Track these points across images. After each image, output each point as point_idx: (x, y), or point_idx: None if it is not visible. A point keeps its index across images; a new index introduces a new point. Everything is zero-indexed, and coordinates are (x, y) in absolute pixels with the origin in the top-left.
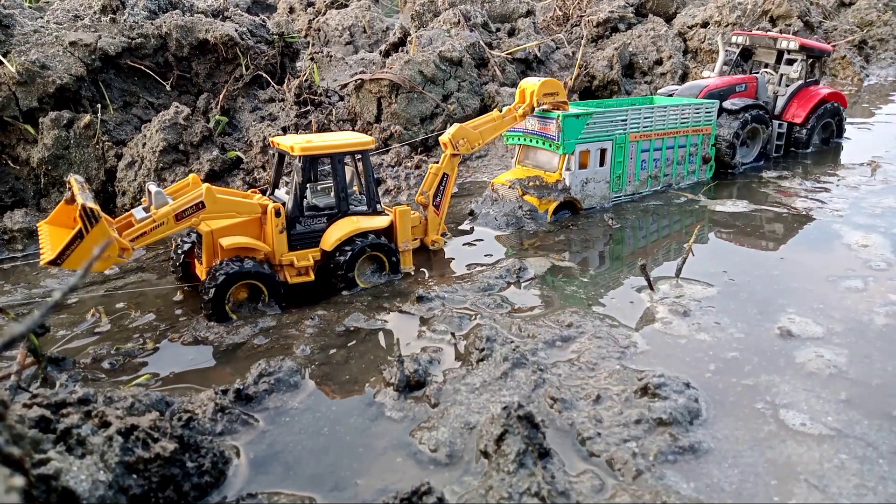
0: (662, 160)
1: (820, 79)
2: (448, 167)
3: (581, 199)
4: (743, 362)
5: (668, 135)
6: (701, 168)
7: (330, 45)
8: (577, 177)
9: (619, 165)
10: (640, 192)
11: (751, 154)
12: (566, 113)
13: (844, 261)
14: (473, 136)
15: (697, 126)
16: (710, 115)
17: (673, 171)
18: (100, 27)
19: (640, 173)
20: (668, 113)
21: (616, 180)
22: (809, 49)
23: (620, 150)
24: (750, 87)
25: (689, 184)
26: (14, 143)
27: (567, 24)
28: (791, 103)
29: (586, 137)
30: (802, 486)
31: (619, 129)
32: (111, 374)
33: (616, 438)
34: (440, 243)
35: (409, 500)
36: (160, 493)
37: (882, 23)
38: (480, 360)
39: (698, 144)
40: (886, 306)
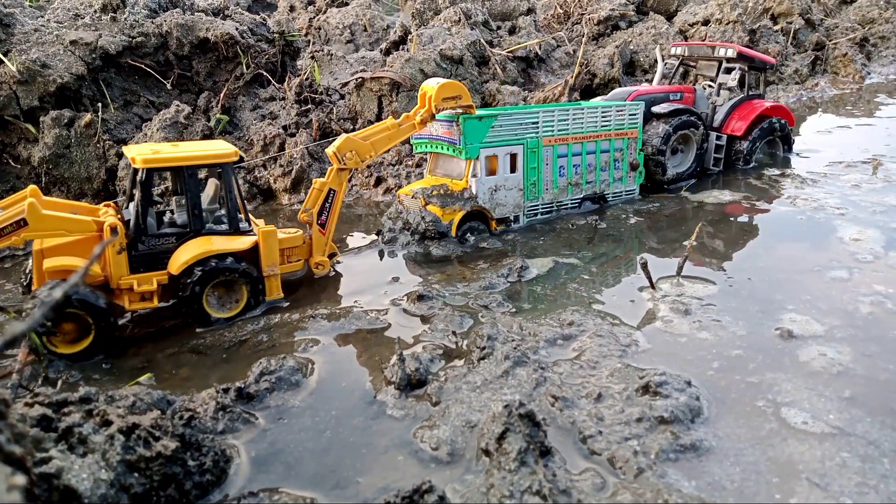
0: (583, 166)
1: (764, 93)
2: (335, 182)
3: (491, 209)
4: (744, 360)
5: (587, 139)
6: (629, 175)
7: (331, 43)
8: (485, 184)
9: (534, 172)
10: (562, 202)
11: (685, 163)
12: (467, 115)
13: (846, 259)
14: (364, 147)
15: (621, 129)
16: (634, 117)
17: (597, 179)
18: (100, 26)
19: (559, 180)
20: (586, 115)
21: (531, 188)
22: (749, 58)
23: (533, 155)
24: (686, 98)
25: (618, 193)
26: (15, 142)
27: (568, 21)
28: (732, 115)
29: (493, 141)
30: (804, 485)
31: (531, 132)
32: (112, 373)
33: (617, 437)
34: (325, 266)
35: (410, 499)
36: (162, 491)
37: (883, 20)
38: (481, 358)
39: (623, 149)
40: (888, 304)
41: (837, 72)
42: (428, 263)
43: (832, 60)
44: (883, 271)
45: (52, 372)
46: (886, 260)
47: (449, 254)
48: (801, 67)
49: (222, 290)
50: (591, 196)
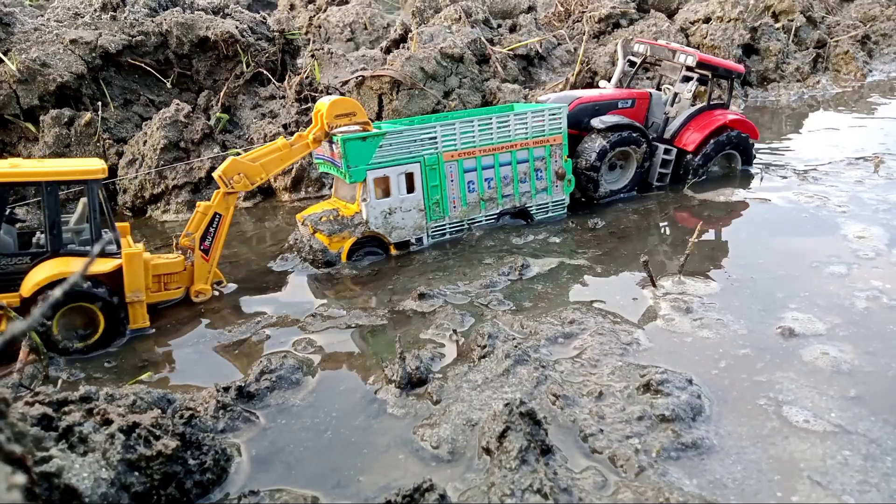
0: (497, 179)
1: (730, 103)
2: (221, 206)
3: (386, 233)
4: (746, 359)
5: (498, 150)
6: (555, 185)
7: (331, 41)
8: (377, 207)
9: (436, 190)
10: (474, 219)
11: (622, 180)
12: (348, 136)
13: (848, 256)
14: (253, 170)
15: (541, 136)
16: (556, 122)
17: (516, 191)
18: (100, 25)
19: (469, 196)
20: (495, 124)
21: (434, 207)
22: (712, 67)
23: (433, 172)
24: (638, 105)
25: (543, 205)
26: (15, 141)
27: (569, 19)
28: (687, 127)
29: (381, 161)
30: (805, 483)
31: (428, 148)
32: (112, 372)
33: (618, 435)
34: (206, 294)
35: (411, 497)
36: (162, 490)
37: (885, 17)
38: (482, 356)
39: (545, 157)
40: (890, 301)
41: (839, 69)
42: (331, 282)
43: (834, 58)
44: (884, 268)
45: (53, 371)
46: (889, 257)
47: (340, 273)
48: (802, 65)
49: (78, 317)
50: (511, 210)
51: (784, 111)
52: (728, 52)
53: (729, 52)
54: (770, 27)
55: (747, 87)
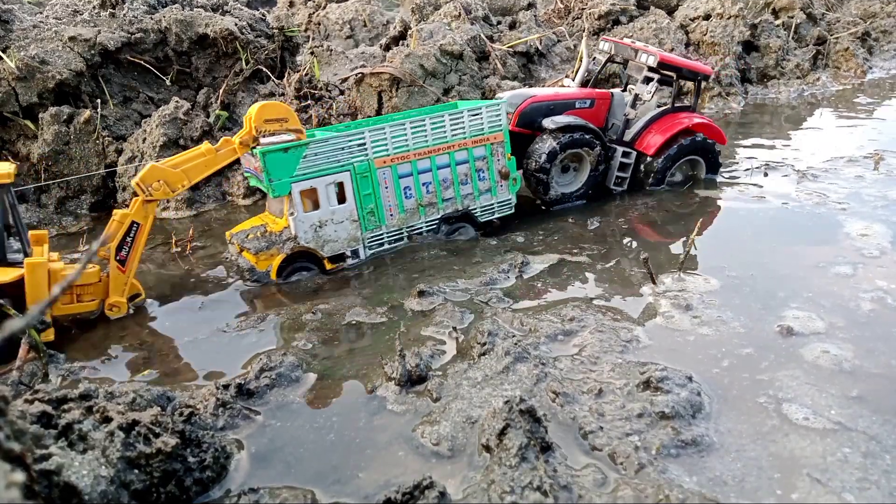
0: (436, 183)
1: (696, 105)
2: (139, 215)
3: (318, 247)
4: (746, 357)
5: (435, 152)
6: (500, 185)
7: (330, 38)
8: (305, 221)
9: (370, 198)
10: (413, 226)
11: (576, 183)
12: (268, 148)
13: (849, 254)
14: (174, 177)
15: (479, 135)
16: (495, 119)
17: (457, 194)
18: (99, 22)
19: (406, 203)
20: (429, 126)
21: (369, 217)
22: (675, 68)
23: (365, 180)
24: (598, 105)
25: (488, 206)
26: (14, 138)
27: (568, 16)
28: (648, 130)
29: (307, 173)
30: (805, 480)
31: (358, 155)
32: (112, 370)
33: (618, 432)
34: (122, 309)
35: (411, 494)
36: (162, 488)
37: (885, 14)
38: (482, 354)
39: (487, 157)
40: (890, 299)
41: (839, 66)
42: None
43: (834, 55)
44: (887, 266)
45: (53, 368)
46: (892, 255)
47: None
48: (802, 62)
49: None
50: (453, 214)
51: (784, 108)
52: (728, 48)
53: (729, 49)
54: (770, 24)
55: (747, 85)
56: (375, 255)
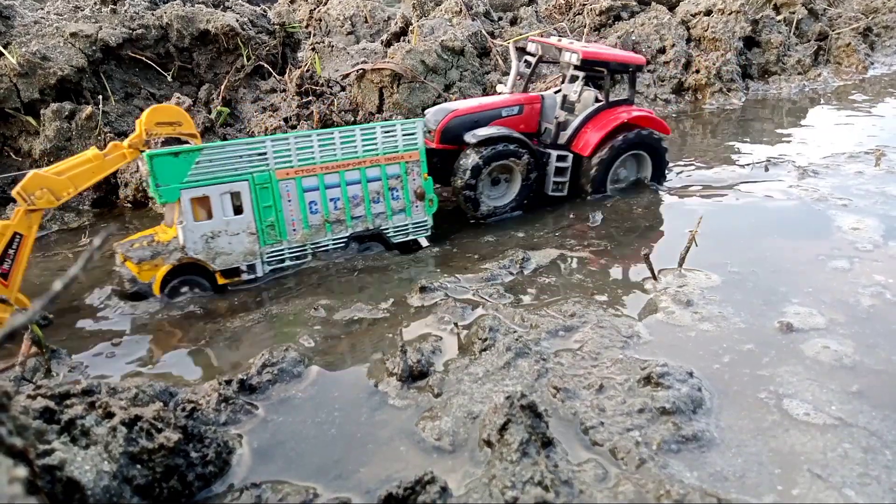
0: (345, 199)
1: (633, 97)
2: (22, 225)
3: (208, 259)
4: (746, 352)
5: (345, 167)
6: (415, 206)
7: (331, 35)
8: (195, 231)
9: (270, 211)
10: (319, 243)
11: (508, 195)
12: (157, 151)
13: (850, 250)
14: (59, 184)
15: (393, 153)
16: (411, 137)
17: (368, 213)
18: (100, 18)
19: (311, 218)
20: (337, 140)
21: (268, 230)
22: (602, 63)
23: (266, 191)
24: (528, 111)
25: (402, 227)
26: (16, 134)
27: (569, 12)
28: (584, 129)
29: (199, 180)
30: (806, 476)
31: (258, 165)
32: (113, 364)
33: (619, 427)
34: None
35: (412, 489)
36: (164, 483)
37: (888, 9)
38: (483, 350)
39: (401, 175)
40: (890, 295)
41: (840, 62)
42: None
43: (835, 51)
44: (884, 261)
45: (55, 364)
46: (888, 250)
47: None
48: (803, 58)
49: None
50: (364, 233)
51: (785, 104)
52: (729, 44)
53: (730, 45)
54: (771, 20)
55: (748, 80)
56: (276, 271)
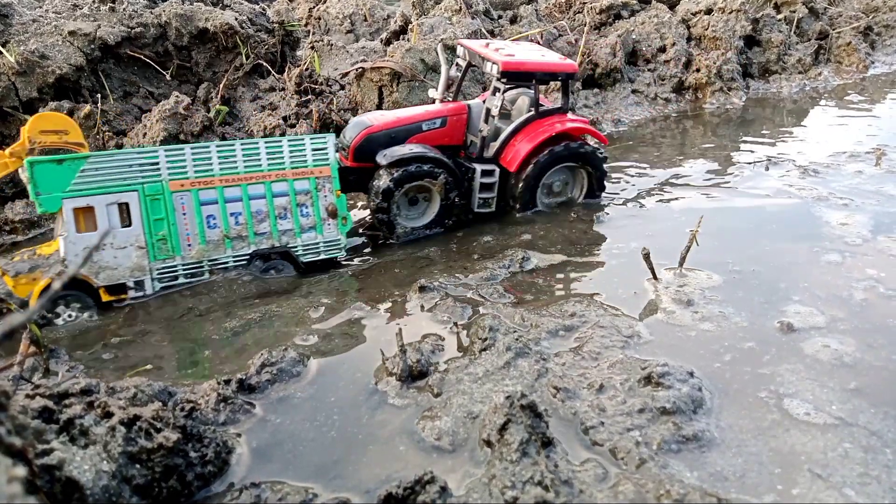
0: (247, 214)
1: (567, 105)
2: None
3: (91, 273)
4: (747, 352)
5: (247, 180)
6: (327, 223)
7: (330, 33)
8: (77, 243)
9: (161, 224)
10: (217, 259)
11: (428, 215)
12: (38, 158)
13: (849, 249)
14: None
15: (301, 167)
16: (322, 152)
17: (273, 229)
18: (99, 16)
19: (209, 233)
20: (239, 152)
21: (160, 245)
22: (526, 74)
23: (157, 203)
24: (452, 123)
25: (312, 245)
26: (14, 133)
27: (569, 11)
28: (512, 141)
29: (83, 189)
30: (806, 476)
31: (150, 175)
32: (112, 363)
33: (619, 427)
34: None
35: (412, 489)
36: (163, 482)
37: (888, 8)
38: (483, 349)
39: (311, 191)
40: (892, 292)
41: (841, 61)
42: None
43: (836, 50)
44: (873, 255)
45: (54, 364)
46: (877, 244)
47: None
48: (804, 57)
49: None
50: (269, 251)
51: (785, 103)
52: (730, 43)
53: (731, 44)
54: (772, 18)
55: (749, 80)
56: (167, 289)
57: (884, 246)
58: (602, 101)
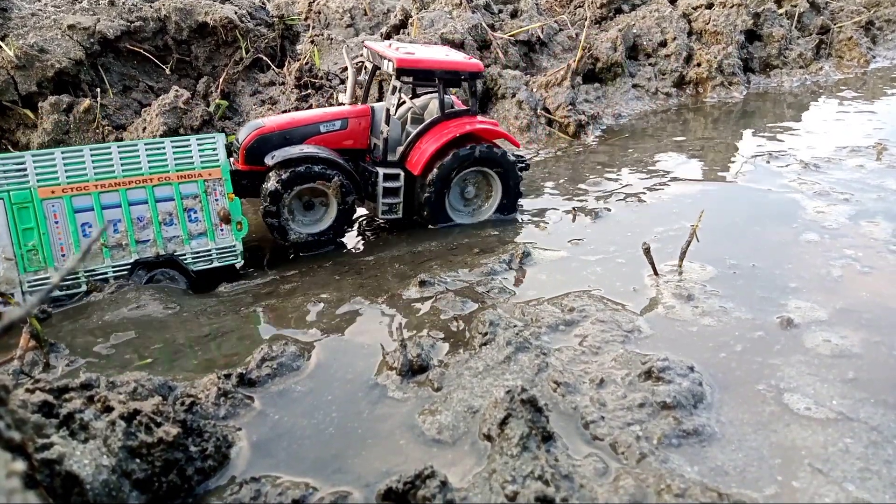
0: (128, 222)
1: (475, 107)
2: None
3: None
4: (747, 346)
5: (126, 185)
6: (219, 229)
7: (330, 27)
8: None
9: (31, 234)
10: (95, 270)
11: (325, 220)
12: None
13: (848, 244)
14: None
15: (188, 169)
16: (211, 153)
17: (158, 236)
18: (98, 10)
19: (84, 243)
20: (116, 154)
21: (30, 255)
22: (424, 72)
23: (26, 212)
24: (354, 125)
25: (203, 252)
26: (14, 127)
27: (570, 5)
28: (416, 145)
29: None
30: (807, 470)
31: (17, 181)
32: (112, 358)
33: (620, 422)
34: None
35: (412, 484)
36: (163, 477)
37: (889, 3)
38: (483, 344)
39: (199, 195)
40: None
41: (842, 56)
42: None
43: (837, 44)
44: (855, 237)
45: (54, 358)
46: (872, 236)
47: None
48: (805, 51)
49: None
50: (153, 259)
51: (786, 98)
52: (731, 37)
53: (731, 38)
54: (773, 13)
55: (750, 74)
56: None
57: (880, 236)
58: (603, 95)
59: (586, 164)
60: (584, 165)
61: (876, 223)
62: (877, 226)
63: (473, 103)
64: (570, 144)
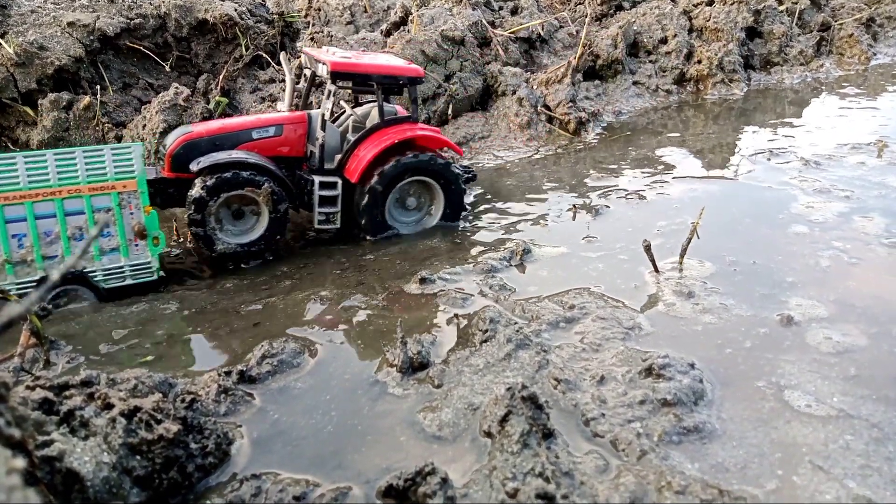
0: (33, 236)
1: (416, 114)
2: None
3: None
4: (747, 343)
5: (30, 197)
6: (134, 245)
7: (330, 24)
8: None
9: None
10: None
11: (257, 229)
12: None
13: (849, 241)
14: None
15: (101, 181)
16: (126, 163)
17: (66, 252)
18: (98, 7)
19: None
20: (21, 164)
21: None
22: (361, 76)
23: None
24: (289, 132)
25: (115, 269)
26: (13, 124)
27: (571, 2)
28: (354, 153)
29: None
30: (807, 467)
31: None
32: (112, 355)
33: (620, 419)
34: None
35: (413, 480)
36: (164, 474)
37: (891, 0)
38: (483, 341)
39: (113, 208)
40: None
41: (843, 53)
42: None
43: (837, 41)
44: (847, 233)
45: (54, 355)
46: (874, 235)
47: None
48: (806, 48)
49: None
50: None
51: (787, 95)
52: (731, 34)
53: (732, 35)
54: (774, 10)
55: (750, 71)
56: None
57: (873, 231)
58: (603, 92)
59: (587, 162)
60: (585, 162)
61: (870, 218)
62: (870, 221)
63: (414, 110)
64: (570, 141)
